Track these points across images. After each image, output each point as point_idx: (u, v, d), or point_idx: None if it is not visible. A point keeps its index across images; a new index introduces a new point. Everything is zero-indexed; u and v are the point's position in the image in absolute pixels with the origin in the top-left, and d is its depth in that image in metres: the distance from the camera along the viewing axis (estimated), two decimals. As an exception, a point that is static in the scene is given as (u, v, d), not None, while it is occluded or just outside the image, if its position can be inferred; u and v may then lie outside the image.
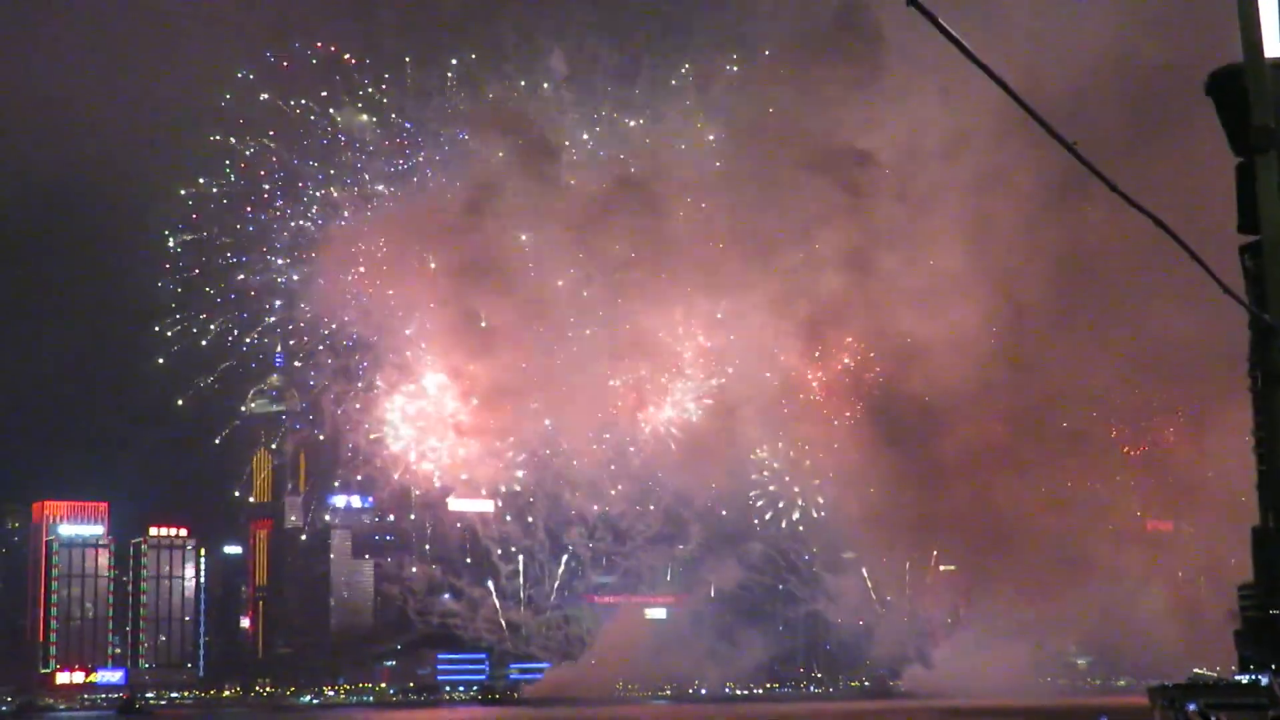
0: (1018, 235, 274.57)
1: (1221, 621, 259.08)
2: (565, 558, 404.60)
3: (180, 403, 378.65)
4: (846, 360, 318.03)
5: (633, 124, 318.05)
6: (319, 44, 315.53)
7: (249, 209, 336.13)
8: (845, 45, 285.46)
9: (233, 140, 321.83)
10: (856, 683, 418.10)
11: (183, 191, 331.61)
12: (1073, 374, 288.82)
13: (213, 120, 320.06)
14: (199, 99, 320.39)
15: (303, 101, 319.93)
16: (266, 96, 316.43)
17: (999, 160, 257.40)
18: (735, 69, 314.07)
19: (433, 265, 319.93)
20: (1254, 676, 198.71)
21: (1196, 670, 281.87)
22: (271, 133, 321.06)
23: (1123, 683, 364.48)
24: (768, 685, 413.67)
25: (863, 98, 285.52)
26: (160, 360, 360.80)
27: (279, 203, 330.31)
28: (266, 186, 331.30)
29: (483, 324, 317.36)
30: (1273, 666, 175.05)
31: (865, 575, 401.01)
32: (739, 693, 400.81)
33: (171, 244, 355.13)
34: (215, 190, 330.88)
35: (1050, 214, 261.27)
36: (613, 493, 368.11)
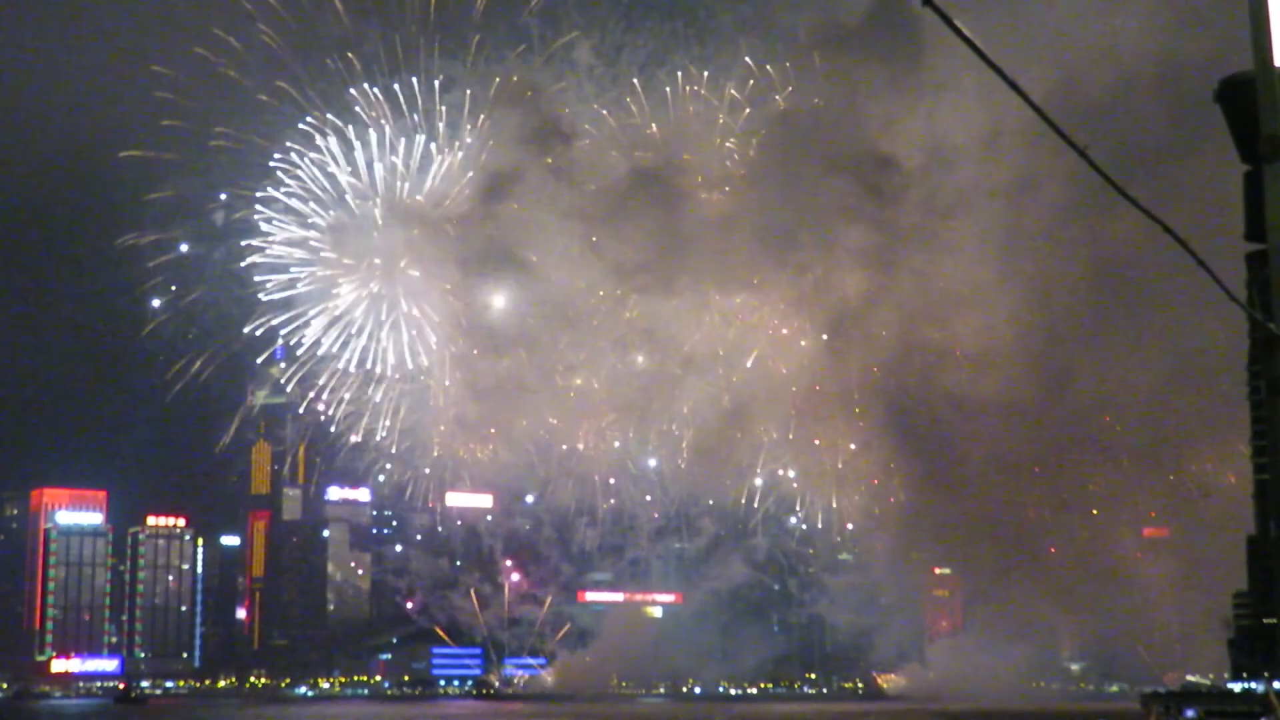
0: (1049, 240, 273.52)
1: (1215, 629, 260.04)
2: (566, 553, 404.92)
3: (179, 392, 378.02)
4: (869, 360, 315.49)
5: (653, 116, 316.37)
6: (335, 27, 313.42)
7: (251, 195, 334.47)
8: (877, 39, 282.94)
9: (237, 122, 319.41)
10: (850, 684, 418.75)
11: (186, 179, 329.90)
12: (1100, 382, 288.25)
13: (216, 102, 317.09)
14: (199, 81, 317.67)
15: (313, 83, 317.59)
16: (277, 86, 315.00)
17: (1031, 162, 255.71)
18: (761, 62, 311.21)
19: (442, 253, 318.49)
20: (1247, 684, 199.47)
21: (1189, 678, 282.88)
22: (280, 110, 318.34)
23: (1115, 688, 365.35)
24: (762, 685, 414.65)
25: (896, 94, 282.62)
26: (158, 350, 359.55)
27: (282, 188, 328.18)
28: (266, 168, 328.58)
29: (491, 315, 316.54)
30: (1265, 674, 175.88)
31: (867, 579, 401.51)
32: (733, 692, 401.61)
33: (171, 232, 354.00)
34: (218, 177, 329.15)
35: (1084, 218, 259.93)
36: (614, 484, 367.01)
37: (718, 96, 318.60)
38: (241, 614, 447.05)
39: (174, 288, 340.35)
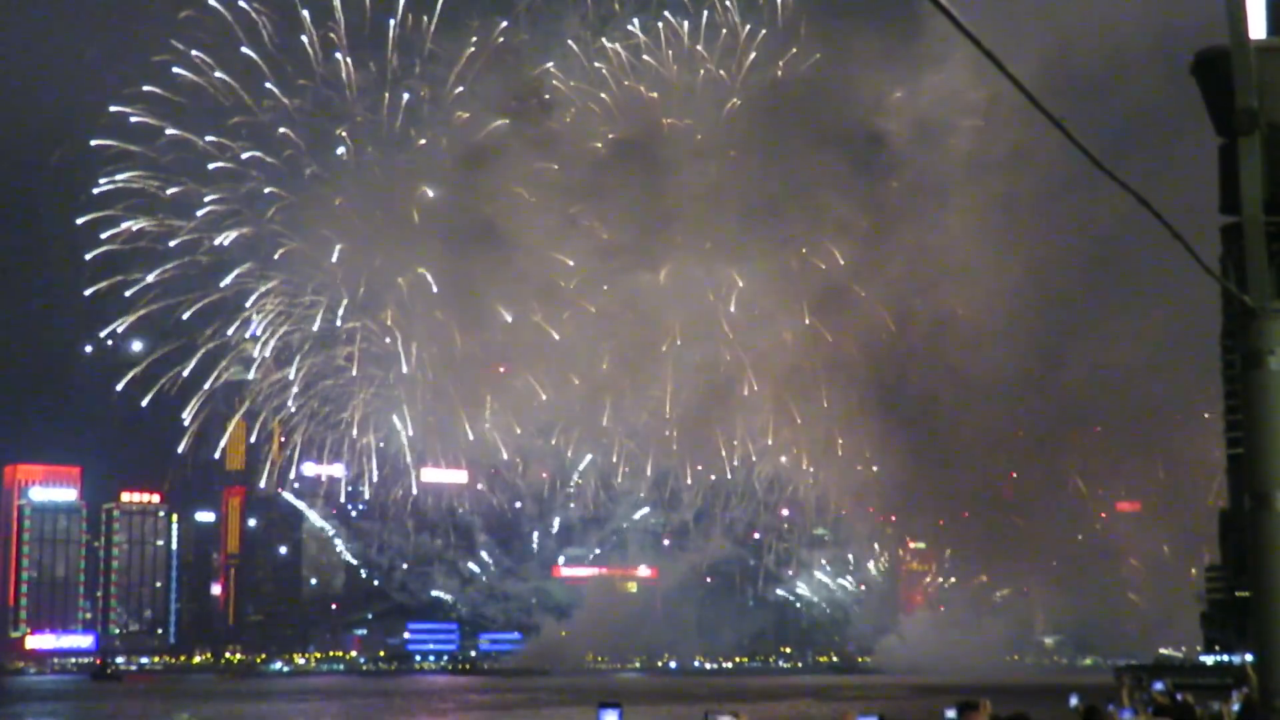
0: (1042, 213, 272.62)
1: (1188, 603, 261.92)
2: (544, 528, 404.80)
3: (153, 368, 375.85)
4: (855, 335, 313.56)
5: (639, 83, 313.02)
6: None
7: (218, 165, 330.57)
8: (871, 8, 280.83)
9: (204, 85, 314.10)
10: (825, 658, 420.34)
11: (149, 149, 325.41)
12: (1083, 355, 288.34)
13: (179, 67, 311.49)
14: (162, 48, 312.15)
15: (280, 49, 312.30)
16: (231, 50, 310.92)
17: (1026, 136, 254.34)
18: (752, 29, 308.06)
19: (417, 222, 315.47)
20: (1219, 657, 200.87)
21: (1162, 650, 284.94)
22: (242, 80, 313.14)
23: (1089, 661, 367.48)
24: (738, 660, 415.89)
25: (889, 65, 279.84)
26: (130, 324, 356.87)
27: (251, 156, 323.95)
28: (236, 140, 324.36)
29: (469, 288, 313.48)
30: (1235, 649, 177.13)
31: (844, 554, 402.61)
32: (709, 666, 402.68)
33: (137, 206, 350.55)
34: (184, 148, 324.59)
35: (1077, 192, 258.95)
36: (594, 459, 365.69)
37: (706, 64, 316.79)
38: (216, 590, 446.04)
39: (148, 265, 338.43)
